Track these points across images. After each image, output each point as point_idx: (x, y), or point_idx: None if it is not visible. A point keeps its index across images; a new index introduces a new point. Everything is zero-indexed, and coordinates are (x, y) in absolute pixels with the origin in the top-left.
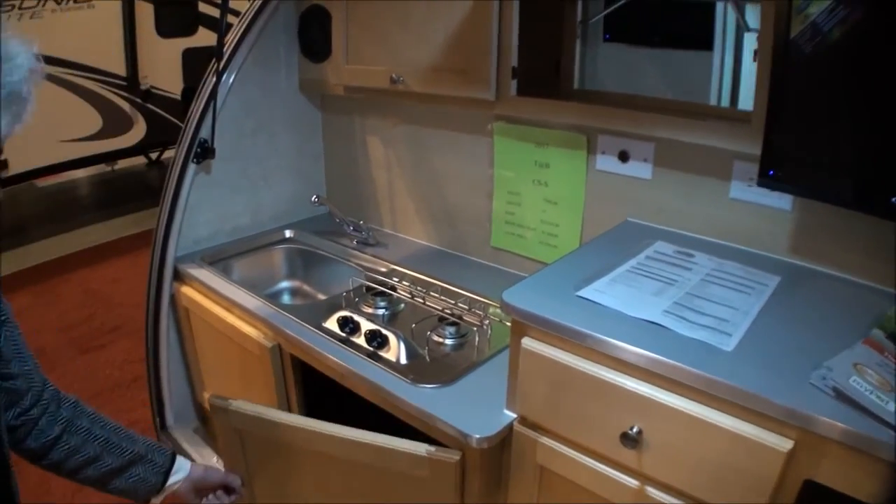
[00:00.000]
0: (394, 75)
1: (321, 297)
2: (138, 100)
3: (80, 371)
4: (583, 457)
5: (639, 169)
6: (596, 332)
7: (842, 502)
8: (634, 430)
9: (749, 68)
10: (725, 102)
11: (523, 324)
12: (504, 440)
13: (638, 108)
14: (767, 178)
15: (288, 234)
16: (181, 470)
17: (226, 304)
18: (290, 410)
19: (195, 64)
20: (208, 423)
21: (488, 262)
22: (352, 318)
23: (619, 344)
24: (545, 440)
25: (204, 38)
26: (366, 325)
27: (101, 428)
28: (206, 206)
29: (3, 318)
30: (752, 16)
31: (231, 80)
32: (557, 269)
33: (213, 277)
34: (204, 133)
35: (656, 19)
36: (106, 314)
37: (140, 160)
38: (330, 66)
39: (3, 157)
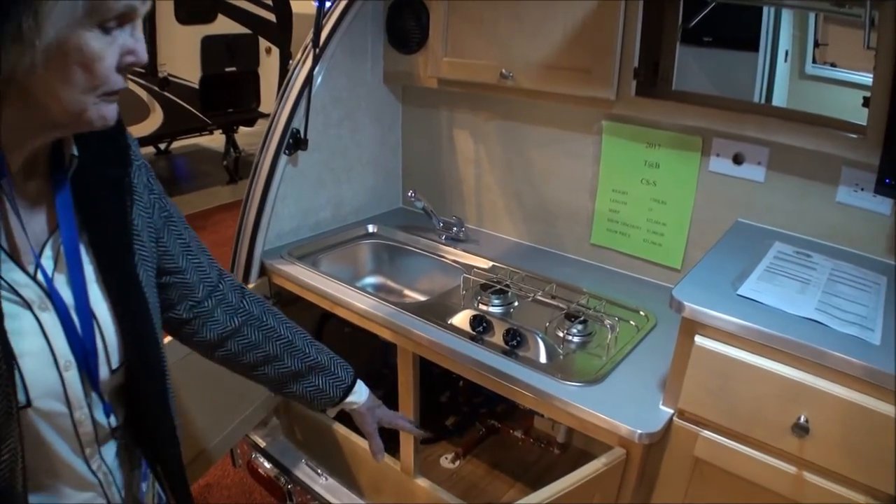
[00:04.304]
0: (504, 71)
1: (409, 292)
2: (156, 88)
3: None
4: (743, 447)
5: (752, 172)
6: (773, 330)
7: None
8: (802, 419)
9: (782, 68)
10: (763, 100)
11: (695, 322)
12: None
13: (748, 112)
14: (884, 186)
15: (371, 228)
16: (361, 395)
17: (329, 304)
18: (400, 408)
19: (214, 52)
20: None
21: (586, 259)
22: (484, 317)
23: (797, 341)
24: (706, 433)
25: (223, 25)
26: (500, 325)
27: (286, 329)
28: (290, 200)
29: (171, 221)
30: (787, 20)
31: (321, 68)
32: (705, 267)
33: (310, 273)
34: (295, 123)
35: (708, 21)
36: None
37: (148, 150)
38: (423, 58)
39: None
